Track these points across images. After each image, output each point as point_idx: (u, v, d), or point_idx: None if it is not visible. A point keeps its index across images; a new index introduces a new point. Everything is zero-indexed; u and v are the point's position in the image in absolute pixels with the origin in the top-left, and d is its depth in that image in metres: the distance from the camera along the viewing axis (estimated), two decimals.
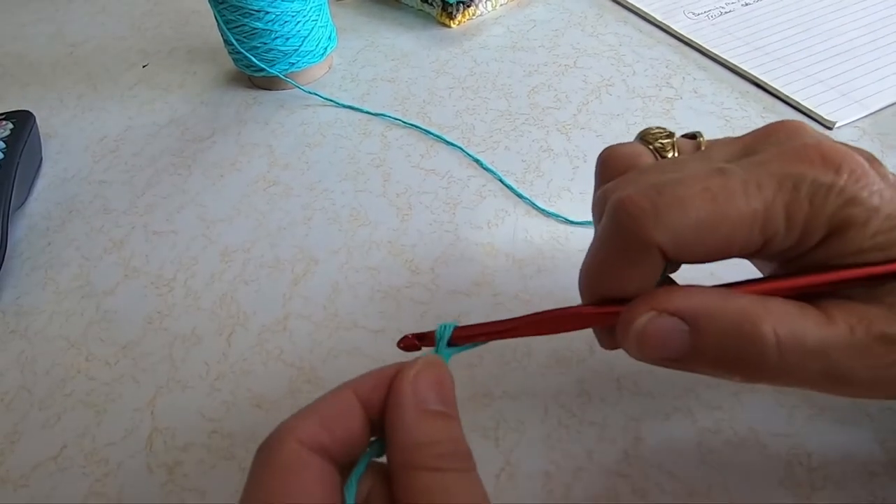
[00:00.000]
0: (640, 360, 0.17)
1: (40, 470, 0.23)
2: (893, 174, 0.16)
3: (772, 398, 0.22)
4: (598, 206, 0.18)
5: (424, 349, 0.19)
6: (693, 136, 0.20)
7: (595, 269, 0.17)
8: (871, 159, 0.16)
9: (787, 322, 0.15)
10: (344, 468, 0.15)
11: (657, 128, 0.20)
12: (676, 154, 0.19)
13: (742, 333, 0.15)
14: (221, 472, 0.23)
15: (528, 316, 0.18)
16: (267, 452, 0.15)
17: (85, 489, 0.23)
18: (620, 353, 0.24)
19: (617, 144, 0.20)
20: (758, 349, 0.15)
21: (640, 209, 0.15)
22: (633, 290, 0.16)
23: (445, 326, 0.18)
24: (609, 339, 0.19)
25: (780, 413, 0.22)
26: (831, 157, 0.15)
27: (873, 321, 0.15)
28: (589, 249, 0.17)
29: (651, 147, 0.19)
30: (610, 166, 0.19)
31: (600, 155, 0.20)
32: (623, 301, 0.17)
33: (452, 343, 0.18)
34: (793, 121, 0.17)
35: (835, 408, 0.22)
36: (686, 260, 0.16)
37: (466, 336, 0.18)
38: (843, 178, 0.15)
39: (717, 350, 0.15)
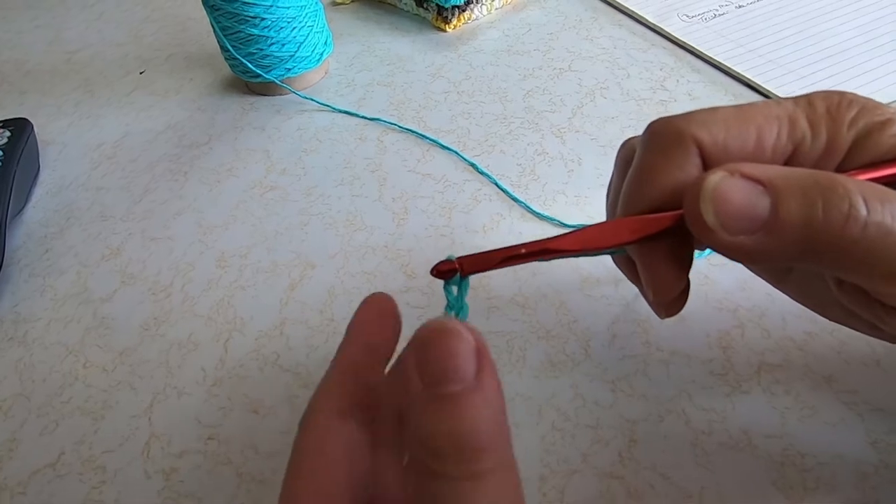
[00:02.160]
0: (715, 240, 0.15)
1: (38, 477, 0.24)
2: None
3: (764, 400, 0.22)
4: (622, 157, 0.18)
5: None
6: None
7: (637, 177, 0.16)
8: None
9: (869, 187, 0.14)
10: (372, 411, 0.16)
11: None
12: None
13: (826, 188, 0.14)
14: (218, 478, 0.23)
15: (571, 233, 0.16)
16: (301, 425, 0.16)
17: (82, 496, 0.23)
18: (613, 357, 0.25)
19: (634, 137, 0.20)
20: (844, 209, 0.13)
21: (673, 118, 0.16)
22: (678, 190, 0.15)
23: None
24: (661, 282, 0.17)
25: (772, 415, 0.22)
26: (831, 91, 0.16)
27: None
28: (629, 172, 0.17)
29: None
30: (631, 154, 0.19)
31: (623, 143, 0.20)
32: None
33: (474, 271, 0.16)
34: None
35: (827, 409, 0.22)
36: (723, 159, 0.15)
37: (502, 257, 0.16)
38: (848, 97, 0.16)
39: (800, 212, 0.14)
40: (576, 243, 0.16)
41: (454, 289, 0.16)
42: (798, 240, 0.14)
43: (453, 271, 0.16)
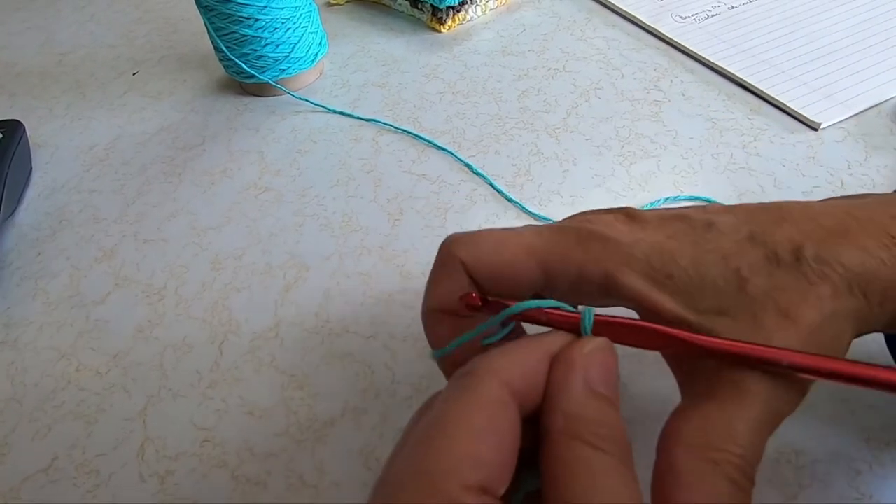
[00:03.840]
0: None
1: (31, 482, 0.23)
2: (657, 215, 0.18)
3: None
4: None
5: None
6: None
7: (429, 285, 0.19)
8: (628, 211, 0.18)
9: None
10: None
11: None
12: None
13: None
14: (213, 481, 0.23)
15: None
16: (472, 380, 0.15)
17: (76, 500, 0.23)
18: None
19: None
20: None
21: (455, 237, 0.18)
22: (447, 297, 0.18)
23: (588, 311, 0.17)
24: None
25: None
26: (591, 217, 0.18)
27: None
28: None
29: None
30: None
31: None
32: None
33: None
34: None
35: (821, 406, 0.22)
36: (484, 279, 0.18)
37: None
38: (596, 226, 0.17)
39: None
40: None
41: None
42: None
43: (477, 308, 0.18)
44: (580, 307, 0.17)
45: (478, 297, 0.17)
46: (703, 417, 0.15)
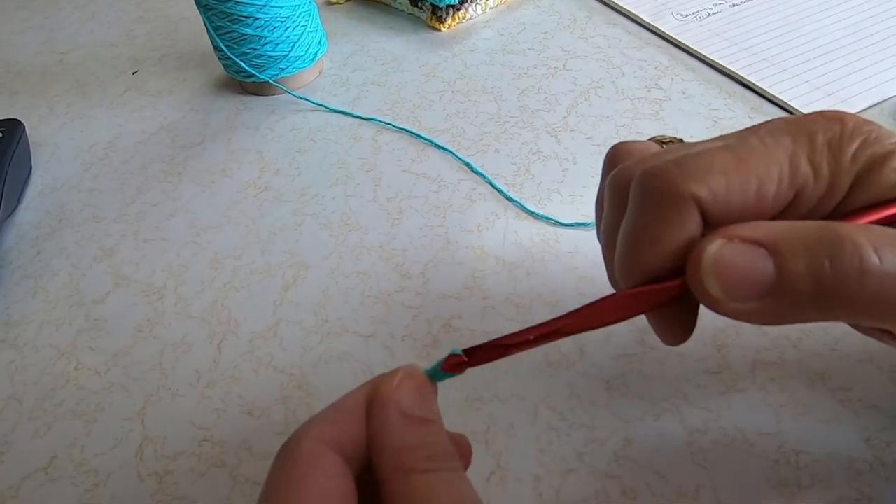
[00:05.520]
0: (724, 309, 0.14)
1: (30, 481, 0.23)
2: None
3: (759, 398, 0.22)
4: (614, 187, 0.17)
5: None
6: None
7: (633, 241, 0.16)
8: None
9: (879, 235, 0.13)
10: (353, 466, 0.15)
11: (667, 135, 0.20)
12: None
13: (833, 243, 0.13)
14: (212, 480, 0.23)
15: (569, 314, 0.16)
16: (285, 450, 0.15)
17: (75, 499, 0.23)
18: (609, 356, 0.25)
19: (628, 140, 0.19)
20: (855, 264, 0.13)
21: (667, 170, 0.15)
22: (679, 253, 0.15)
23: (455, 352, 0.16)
24: (669, 327, 0.17)
25: (767, 413, 0.22)
26: (831, 115, 0.15)
27: None
28: (621, 231, 0.16)
29: (662, 145, 0.19)
30: (622, 159, 0.18)
31: (611, 149, 0.19)
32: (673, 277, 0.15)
33: (471, 363, 0.16)
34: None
35: (821, 407, 0.22)
36: (724, 214, 0.15)
37: (492, 348, 0.16)
38: (849, 126, 0.15)
39: (808, 272, 0.13)
40: (584, 321, 0.16)
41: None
42: (809, 300, 0.13)
43: (462, 364, 0.16)
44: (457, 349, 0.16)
45: (464, 361, 0.16)
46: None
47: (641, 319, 0.25)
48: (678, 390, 0.23)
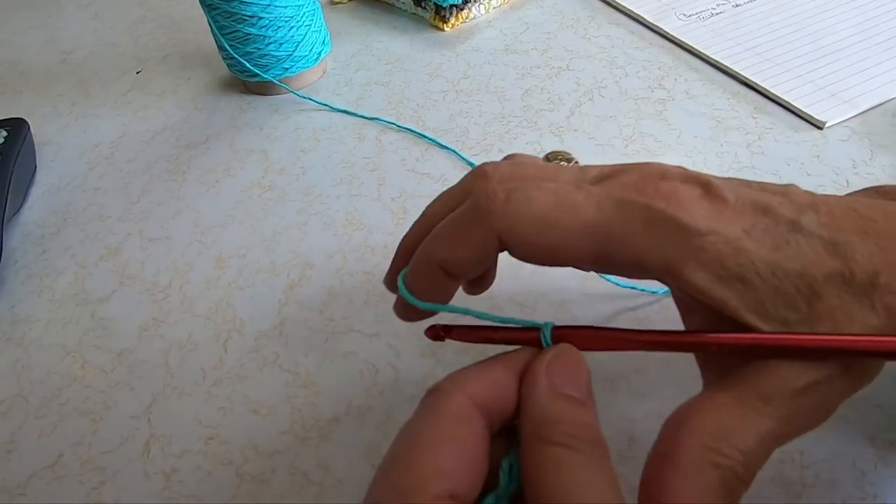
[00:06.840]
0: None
1: (37, 479, 0.23)
2: (738, 195, 0.16)
3: None
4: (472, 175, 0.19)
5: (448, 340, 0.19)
6: None
7: (443, 232, 0.18)
8: (707, 184, 0.16)
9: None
10: (493, 435, 0.16)
11: (563, 151, 0.21)
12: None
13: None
14: (218, 479, 0.23)
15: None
16: (437, 397, 0.15)
17: (82, 497, 0.23)
18: (613, 355, 0.25)
19: (520, 153, 0.21)
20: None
21: (495, 200, 0.17)
22: (466, 259, 0.17)
23: (546, 325, 0.17)
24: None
25: None
26: (663, 189, 0.16)
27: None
28: (448, 218, 0.18)
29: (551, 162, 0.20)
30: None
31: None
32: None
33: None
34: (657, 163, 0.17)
35: None
36: (520, 252, 0.17)
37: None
38: (669, 205, 0.16)
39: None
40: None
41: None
42: None
43: (441, 338, 0.18)
44: (541, 322, 0.17)
45: (443, 333, 0.18)
46: (718, 415, 0.15)
47: (646, 315, 0.25)
48: (682, 389, 0.23)
